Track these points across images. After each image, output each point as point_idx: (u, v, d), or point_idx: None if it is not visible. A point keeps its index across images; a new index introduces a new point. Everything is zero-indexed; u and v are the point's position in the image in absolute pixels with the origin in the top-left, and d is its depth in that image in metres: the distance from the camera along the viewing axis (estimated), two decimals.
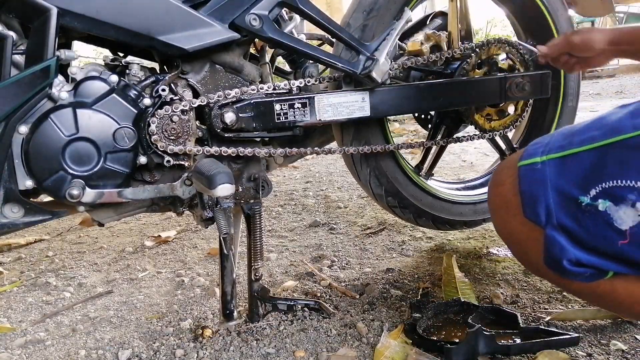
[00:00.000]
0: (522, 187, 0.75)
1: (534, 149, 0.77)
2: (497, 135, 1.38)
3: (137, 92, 0.98)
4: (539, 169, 0.74)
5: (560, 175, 0.72)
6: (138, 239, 1.89)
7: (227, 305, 1.10)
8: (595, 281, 0.73)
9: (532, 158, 0.76)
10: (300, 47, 1.05)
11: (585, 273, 0.72)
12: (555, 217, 0.72)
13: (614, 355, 0.92)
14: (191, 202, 1.07)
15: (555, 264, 0.73)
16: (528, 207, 0.74)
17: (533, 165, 0.75)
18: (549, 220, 0.72)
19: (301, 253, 1.59)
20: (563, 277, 0.74)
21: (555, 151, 0.74)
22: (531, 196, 0.74)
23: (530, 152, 0.77)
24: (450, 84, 1.25)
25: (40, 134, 0.89)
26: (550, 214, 0.72)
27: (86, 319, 1.25)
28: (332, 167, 2.98)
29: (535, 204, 0.73)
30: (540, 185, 0.73)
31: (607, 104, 4.97)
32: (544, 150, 0.75)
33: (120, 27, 0.92)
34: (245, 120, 1.04)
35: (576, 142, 0.72)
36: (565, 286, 0.82)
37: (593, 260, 0.71)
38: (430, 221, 1.41)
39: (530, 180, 0.75)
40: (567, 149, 0.73)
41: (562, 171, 0.72)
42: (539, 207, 0.73)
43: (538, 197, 0.73)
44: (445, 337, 1.02)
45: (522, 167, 0.76)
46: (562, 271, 0.73)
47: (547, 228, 0.72)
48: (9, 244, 1.92)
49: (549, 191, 0.72)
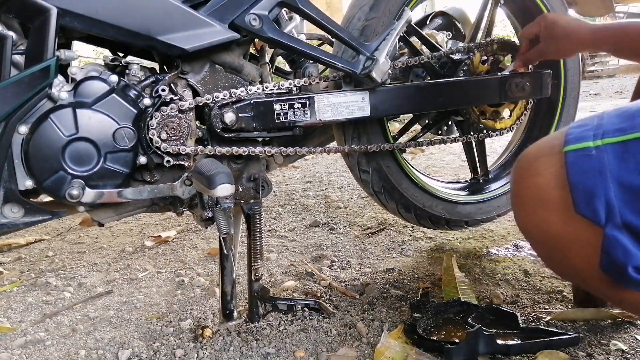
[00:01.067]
0: (573, 177, 0.62)
1: (581, 131, 0.64)
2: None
3: (137, 92, 0.98)
4: (594, 156, 0.61)
5: (623, 164, 0.60)
6: (138, 239, 1.89)
7: (227, 305, 1.10)
8: None
9: (582, 142, 0.63)
10: (300, 47, 1.05)
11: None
12: (618, 215, 0.60)
13: (614, 355, 0.92)
14: (191, 202, 1.07)
15: (616, 270, 0.62)
16: (582, 201, 0.62)
17: (585, 150, 0.62)
18: (610, 218, 0.60)
19: (301, 253, 1.59)
20: (621, 286, 0.64)
21: (612, 134, 0.61)
22: (586, 188, 0.62)
23: (578, 135, 0.64)
24: (450, 84, 1.25)
25: (40, 134, 0.89)
26: (611, 211, 0.60)
27: (86, 319, 1.25)
28: (332, 167, 2.98)
29: (592, 197, 0.61)
30: (598, 176, 0.61)
31: (607, 104, 4.97)
32: (597, 134, 0.62)
33: (120, 27, 0.92)
34: (245, 120, 1.04)
35: (639, 124, 0.60)
36: (612, 295, 0.69)
37: None
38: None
39: (583, 169, 0.62)
40: (629, 132, 0.61)
41: (624, 159, 0.60)
42: (597, 202, 0.61)
43: (595, 189, 0.61)
44: (445, 337, 1.02)
45: (571, 153, 0.63)
46: (624, 279, 0.61)
47: (608, 227, 0.61)
48: (9, 244, 1.92)
49: (609, 183, 0.60)
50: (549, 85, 1.34)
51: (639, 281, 0.61)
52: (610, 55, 1.13)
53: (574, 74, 1.48)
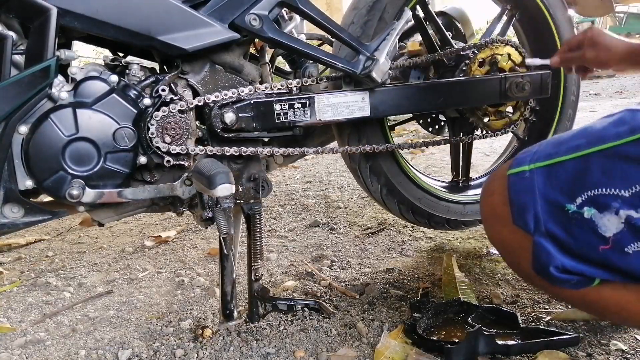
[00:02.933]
0: (512, 195, 0.77)
1: (522, 157, 0.78)
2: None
3: (137, 92, 0.98)
4: (527, 178, 0.75)
5: (548, 183, 0.74)
6: (138, 239, 1.89)
7: (227, 305, 1.10)
8: (582, 288, 0.75)
9: (520, 167, 0.77)
10: (300, 47, 1.05)
11: (572, 280, 0.73)
12: (543, 225, 0.73)
13: (614, 355, 0.92)
14: (191, 202, 1.07)
15: (543, 271, 0.74)
16: (517, 215, 0.76)
17: (521, 173, 0.76)
18: (537, 228, 0.74)
19: (301, 253, 1.59)
20: (551, 284, 0.76)
21: (542, 159, 0.75)
22: (520, 204, 0.76)
23: (519, 161, 0.78)
24: (450, 84, 1.25)
25: (40, 134, 0.89)
26: (538, 222, 0.74)
27: (86, 319, 1.25)
28: (332, 167, 2.97)
29: (524, 212, 0.75)
30: (529, 194, 0.75)
31: (607, 104, 4.97)
32: (532, 159, 0.76)
33: (120, 27, 0.92)
34: (245, 120, 1.04)
35: (562, 151, 0.74)
36: (555, 294, 0.83)
37: (579, 267, 0.72)
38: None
39: (519, 188, 0.76)
40: (554, 157, 0.74)
41: (549, 179, 0.74)
42: (528, 215, 0.74)
43: (527, 205, 0.75)
44: (445, 337, 1.02)
45: (511, 176, 0.77)
46: (550, 278, 0.74)
47: (535, 235, 0.74)
48: (9, 244, 1.92)
49: (537, 199, 0.74)
50: (548, 85, 1.34)
51: (560, 279, 0.73)
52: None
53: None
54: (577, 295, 0.76)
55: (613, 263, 0.70)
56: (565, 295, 0.79)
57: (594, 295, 0.75)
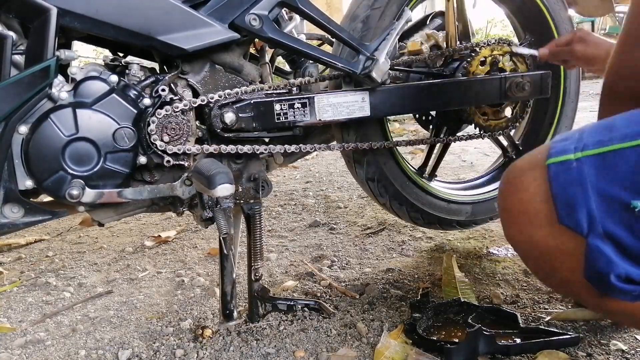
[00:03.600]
0: (555, 189, 0.64)
1: (562, 145, 0.65)
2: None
3: (137, 92, 0.98)
4: (575, 168, 0.63)
5: (603, 176, 0.61)
6: (138, 239, 1.89)
7: (227, 305, 1.10)
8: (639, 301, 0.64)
9: (564, 154, 0.64)
10: (300, 47, 1.05)
11: (634, 291, 0.62)
12: (600, 225, 0.61)
13: (614, 355, 0.92)
14: (191, 202, 1.07)
15: (599, 279, 0.63)
16: (565, 213, 0.64)
17: (566, 163, 0.63)
18: (592, 228, 0.62)
19: (301, 253, 1.59)
20: (605, 295, 0.65)
21: (592, 147, 0.63)
22: (568, 200, 0.63)
23: (559, 148, 0.65)
24: (450, 84, 1.25)
25: (40, 134, 0.89)
26: (593, 221, 0.62)
27: (86, 319, 1.25)
28: (332, 167, 2.97)
29: (574, 208, 0.63)
30: (578, 187, 0.62)
31: None
32: (578, 146, 0.63)
33: (120, 27, 0.92)
34: (245, 120, 1.04)
35: (618, 137, 0.61)
36: (599, 305, 0.70)
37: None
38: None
39: (565, 181, 0.63)
40: (607, 144, 0.62)
41: (604, 170, 0.61)
42: (579, 213, 0.62)
43: (576, 200, 0.62)
44: (445, 337, 1.02)
45: (553, 166, 0.65)
46: (608, 288, 0.62)
47: (590, 237, 0.62)
48: (9, 244, 1.92)
49: (589, 194, 0.62)
50: (548, 85, 1.34)
51: (622, 289, 0.62)
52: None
53: (574, 74, 1.48)
54: (631, 308, 0.65)
55: None
56: (615, 308, 0.67)
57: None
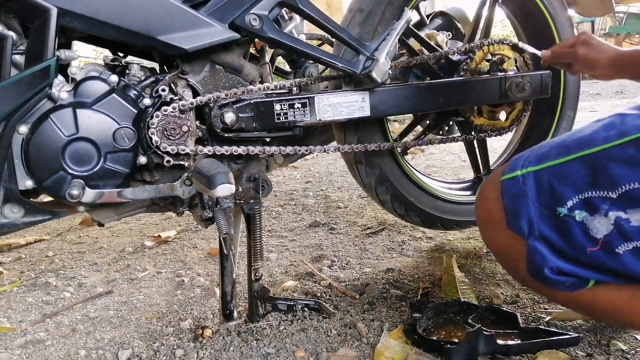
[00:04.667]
0: (505, 201, 0.78)
1: (515, 163, 0.80)
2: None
3: (137, 92, 0.98)
4: (520, 183, 0.77)
5: (539, 187, 0.75)
6: (138, 239, 1.89)
7: (227, 305, 1.10)
8: (578, 290, 0.76)
9: (513, 172, 0.79)
10: (300, 47, 1.05)
11: (567, 282, 0.74)
12: (537, 228, 0.75)
13: (614, 355, 0.92)
14: (191, 202, 1.07)
15: (538, 273, 0.75)
16: (512, 220, 0.77)
17: (514, 179, 0.78)
18: (531, 232, 0.75)
19: (301, 253, 1.59)
20: (547, 287, 0.77)
21: (534, 164, 0.77)
22: (514, 209, 0.77)
23: (512, 166, 0.80)
24: (450, 84, 1.25)
25: (40, 134, 0.89)
26: (532, 226, 0.75)
27: (86, 319, 1.25)
28: (332, 167, 2.97)
29: (518, 216, 0.76)
30: (522, 198, 0.76)
31: (607, 104, 4.97)
32: (524, 164, 0.78)
33: (120, 27, 0.92)
34: (245, 120, 1.04)
35: (553, 155, 0.76)
36: (551, 296, 0.85)
37: (573, 268, 0.73)
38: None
39: (512, 193, 0.78)
40: (545, 161, 0.76)
41: (540, 183, 0.75)
42: (522, 220, 0.76)
43: (520, 209, 0.76)
44: (445, 337, 1.02)
45: (505, 181, 0.79)
46: (545, 280, 0.75)
47: (530, 239, 0.75)
48: (9, 244, 1.92)
49: (530, 203, 0.75)
50: (548, 85, 1.34)
51: (555, 281, 0.74)
52: (629, 79, 1.17)
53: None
54: (572, 298, 0.77)
55: (605, 264, 0.71)
56: (561, 298, 0.80)
57: (589, 297, 0.76)
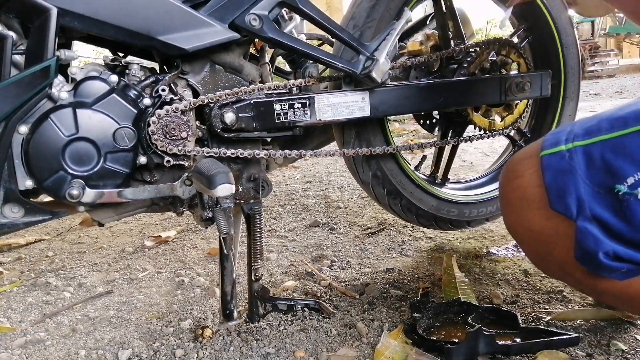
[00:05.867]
0: (547, 178, 0.69)
1: (556, 137, 0.71)
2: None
3: (137, 92, 0.98)
4: (566, 158, 0.68)
5: (591, 163, 0.67)
6: (138, 239, 1.89)
7: (227, 305, 1.10)
8: (630, 279, 0.68)
9: (556, 147, 0.70)
10: (300, 47, 1.05)
11: (622, 268, 0.66)
12: (588, 208, 0.66)
13: (614, 355, 0.92)
14: (191, 202, 1.07)
15: (589, 258, 0.67)
16: (556, 198, 0.69)
17: (558, 153, 0.69)
18: (581, 212, 0.67)
19: (301, 253, 1.59)
20: (595, 274, 0.69)
21: (582, 137, 0.68)
22: (559, 187, 0.68)
23: (553, 140, 0.71)
24: (450, 84, 1.25)
25: (40, 134, 0.89)
26: (582, 205, 0.67)
27: (86, 319, 1.25)
28: (332, 167, 2.98)
29: (564, 195, 0.68)
30: (569, 175, 0.67)
31: (607, 103, 4.97)
32: (569, 138, 0.69)
33: (120, 27, 0.92)
34: (245, 121, 1.04)
35: (605, 128, 0.67)
36: (592, 286, 0.75)
37: (632, 253, 0.65)
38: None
39: (556, 170, 0.69)
40: (595, 135, 0.67)
41: (591, 159, 0.67)
42: (569, 198, 0.67)
43: (567, 187, 0.67)
44: (445, 337, 1.02)
45: (545, 157, 0.70)
46: (597, 266, 0.67)
47: (579, 219, 0.67)
48: (9, 244, 1.92)
49: (579, 180, 0.67)
50: (549, 85, 1.34)
51: (611, 267, 0.66)
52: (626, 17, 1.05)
53: (574, 74, 1.48)
54: (620, 287, 0.70)
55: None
56: (605, 288, 0.72)
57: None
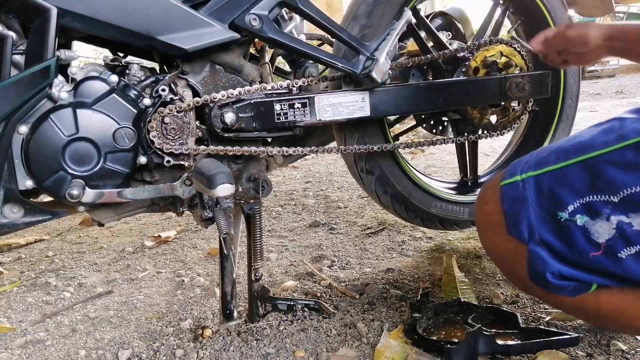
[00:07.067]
0: (505, 206, 0.78)
1: (514, 167, 0.80)
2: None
3: (137, 92, 0.98)
4: (520, 187, 0.77)
5: (540, 192, 0.75)
6: (138, 239, 1.89)
7: (227, 305, 1.10)
8: (580, 295, 0.75)
9: (512, 177, 0.78)
10: (300, 47, 1.05)
11: (569, 286, 0.74)
12: (537, 233, 0.74)
13: (614, 355, 0.92)
14: (191, 202, 1.07)
15: (539, 278, 0.75)
16: (511, 225, 0.77)
17: (514, 183, 0.78)
18: (531, 237, 0.75)
19: (301, 253, 1.59)
20: (548, 292, 0.76)
21: (533, 169, 0.77)
22: (513, 214, 0.77)
23: (511, 171, 0.80)
24: (450, 84, 1.25)
25: (40, 134, 0.89)
26: (532, 231, 0.75)
27: (86, 319, 1.25)
28: (332, 167, 2.98)
29: (518, 221, 0.76)
30: (522, 203, 0.76)
31: (607, 104, 4.98)
32: (523, 169, 0.78)
33: (120, 27, 0.92)
34: (245, 120, 1.04)
35: (552, 160, 0.75)
36: (552, 301, 0.84)
37: (575, 273, 0.73)
38: None
39: (511, 198, 0.77)
40: (544, 166, 0.76)
41: (540, 188, 0.75)
42: (522, 224, 0.75)
43: (520, 214, 0.76)
44: (445, 337, 1.02)
45: (504, 187, 0.79)
46: (547, 285, 0.74)
47: (530, 244, 0.75)
48: (9, 244, 1.92)
49: (529, 208, 0.75)
50: (548, 85, 1.34)
51: (557, 285, 0.73)
52: (619, 56, 1.13)
53: (574, 74, 1.48)
54: (574, 302, 0.76)
55: (607, 268, 0.71)
56: (563, 303, 0.79)
57: (592, 301, 0.75)
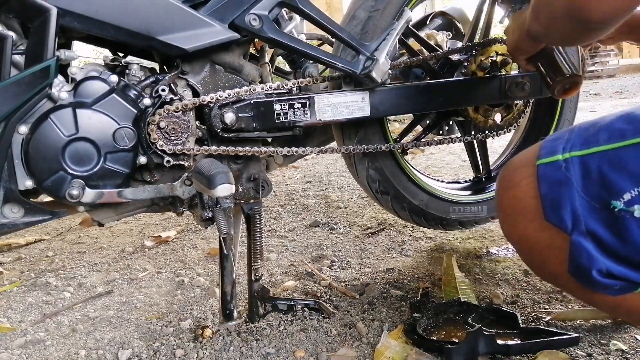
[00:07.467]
0: (543, 189, 0.67)
1: (553, 145, 0.68)
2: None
3: (137, 92, 0.98)
4: (562, 169, 0.65)
5: (588, 175, 0.64)
6: (138, 239, 1.89)
7: (227, 305, 1.10)
8: (623, 295, 0.66)
9: (552, 155, 0.67)
10: (300, 47, 1.05)
11: (615, 285, 0.64)
12: (583, 223, 0.64)
13: (614, 355, 0.92)
14: (191, 202, 1.07)
15: (582, 274, 0.65)
16: (551, 210, 0.66)
17: (555, 163, 0.66)
18: (576, 226, 0.64)
19: (301, 253, 1.59)
20: (588, 289, 0.67)
21: (579, 147, 0.65)
22: (554, 199, 0.66)
23: (550, 148, 0.68)
24: (450, 84, 1.25)
25: (40, 134, 0.89)
26: (577, 219, 0.64)
27: (86, 319, 1.25)
28: (332, 167, 2.98)
29: (559, 207, 0.65)
30: (565, 187, 0.65)
31: (607, 103, 4.97)
32: (566, 147, 0.66)
33: (120, 27, 0.92)
34: (245, 120, 1.04)
35: (603, 138, 0.64)
36: (586, 298, 0.73)
37: (626, 272, 0.63)
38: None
39: (552, 181, 0.66)
40: (593, 145, 0.64)
41: (587, 171, 0.64)
42: (564, 211, 0.65)
43: (563, 200, 0.65)
44: (445, 337, 1.02)
45: (542, 166, 0.67)
46: (590, 282, 0.65)
47: (574, 234, 0.64)
48: (9, 244, 1.92)
49: (575, 193, 0.64)
50: None
51: (604, 284, 0.64)
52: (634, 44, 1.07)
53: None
54: (614, 302, 0.68)
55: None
56: (599, 300, 0.70)
57: (635, 303, 0.67)
